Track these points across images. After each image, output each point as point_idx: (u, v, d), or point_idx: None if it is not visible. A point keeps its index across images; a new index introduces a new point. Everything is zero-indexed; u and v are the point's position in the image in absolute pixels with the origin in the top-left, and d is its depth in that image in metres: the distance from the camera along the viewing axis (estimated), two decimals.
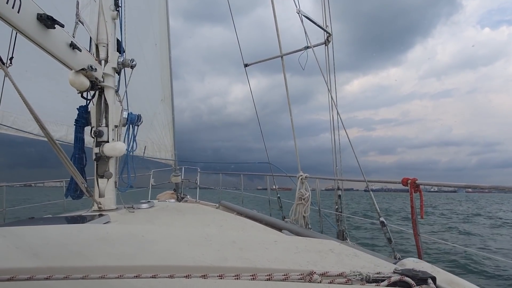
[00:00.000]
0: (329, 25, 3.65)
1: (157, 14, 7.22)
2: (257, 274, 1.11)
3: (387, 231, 2.89)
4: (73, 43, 2.64)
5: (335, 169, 3.95)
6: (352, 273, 1.14)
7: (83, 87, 3.10)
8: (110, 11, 3.60)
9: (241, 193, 6.15)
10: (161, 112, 7.36)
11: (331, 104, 3.60)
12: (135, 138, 3.75)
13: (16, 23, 1.99)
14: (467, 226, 14.07)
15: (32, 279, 1.04)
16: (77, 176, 2.86)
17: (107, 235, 1.67)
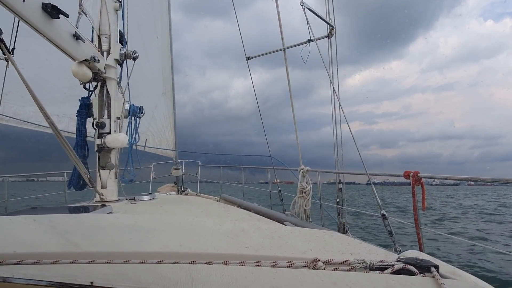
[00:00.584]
0: (332, 18, 3.64)
1: (159, 6, 7.19)
2: (261, 261, 1.12)
3: (388, 224, 2.91)
4: (76, 33, 2.64)
5: (337, 162, 3.96)
6: (355, 261, 1.15)
7: (86, 78, 3.10)
8: (112, 2, 3.58)
9: (242, 187, 6.17)
10: (162, 105, 7.36)
11: (333, 97, 3.60)
12: (137, 130, 3.76)
13: (22, 12, 1.98)
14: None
15: (58, 263, 1.05)
16: (80, 166, 2.87)
17: (112, 223, 1.69)
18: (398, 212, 15.98)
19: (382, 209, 2.99)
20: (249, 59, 4.84)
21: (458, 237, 3.56)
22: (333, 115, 3.74)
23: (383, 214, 2.97)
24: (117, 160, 3.57)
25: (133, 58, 3.68)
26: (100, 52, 3.42)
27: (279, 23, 4.10)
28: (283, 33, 4.10)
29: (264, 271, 1.06)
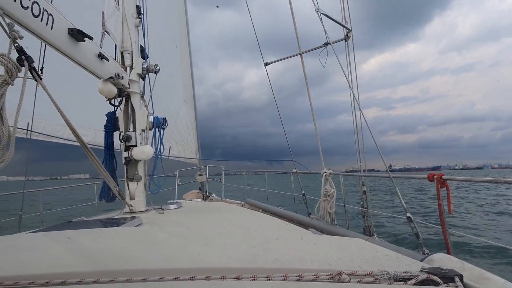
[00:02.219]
0: (348, 21, 3.63)
1: (177, 16, 7.34)
2: (287, 275, 1.15)
3: (414, 226, 2.89)
4: (101, 53, 2.75)
5: (360, 164, 3.94)
6: (379, 272, 1.17)
7: (112, 94, 3.22)
8: (133, 19, 3.70)
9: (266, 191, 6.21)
10: (184, 112, 7.52)
11: (353, 101, 3.59)
12: (162, 140, 3.87)
13: (50, 39, 2.10)
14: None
15: (82, 283, 1.12)
16: (110, 180, 2.99)
17: (145, 238, 1.76)
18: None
19: (408, 212, 2.96)
20: (267, 64, 4.88)
21: (485, 238, 3.48)
22: (354, 121, 3.71)
23: (408, 217, 2.94)
24: (145, 172, 3.68)
25: (155, 72, 3.79)
26: (124, 68, 3.54)
27: (295, 27, 4.11)
28: (299, 38, 4.11)
29: (290, 286, 1.09)
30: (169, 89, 7.09)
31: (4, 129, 1.49)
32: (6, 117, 1.53)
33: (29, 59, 1.77)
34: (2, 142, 1.47)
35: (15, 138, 1.50)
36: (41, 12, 1.97)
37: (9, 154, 1.46)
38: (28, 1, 1.85)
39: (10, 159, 1.46)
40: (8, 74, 1.62)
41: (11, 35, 1.72)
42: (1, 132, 1.47)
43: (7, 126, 1.51)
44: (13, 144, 1.49)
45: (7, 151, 1.47)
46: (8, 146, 1.47)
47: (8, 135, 1.48)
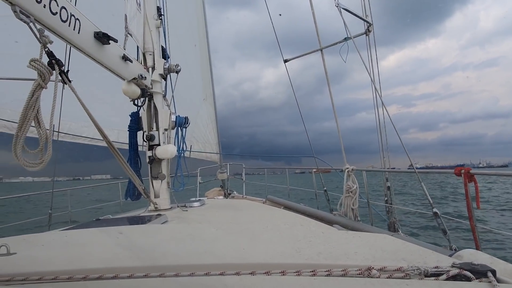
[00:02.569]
0: (369, 15, 3.58)
1: (195, 16, 7.41)
2: (317, 270, 1.16)
3: (441, 222, 2.83)
4: (125, 55, 2.82)
5: (383, 160, 3.89)
6: (409, 267, 1.15)
7: (135, 95, 3.29)
8: (154, 20, 3.77)
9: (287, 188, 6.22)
10: (204, 111, 7.60)
11: (375, 96, 3.54)
12: (184, 139, 3.93)
13: (78, 43, 2.16)
14: None
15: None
16: (135, 179, 3.06)
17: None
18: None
19: (434, 207, 2.91)
20: (286, 61, 4.86)
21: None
22: (377, 119, 3.66)
23: (435, 212, 2.89)
24: (168, 170, 3.75)
25: (176, 72, 3.85)
26: (146, 69, 3.60)
27: (315, 23, 4.08)
28: (319, 33, 4.08)
29: (320, 281, 1.10)
30: (189, 88, 7.17)
31: (42, 131, 1.55)
32: (42, 120, 1.59)
33: (59, 63, 1.83)
34: (40, 144, 1.53)
35: (51, 139, 1.56)
36: (68, 17, 2.03)
37: (47, 155, 1.52)
38: (57, 6, 1.91)
39: (48, 160, 1.53)
40: (41, 78, 1.68)
41: (42, 41, 1.78)
42: (39, 135, 1.54)
43: (44, 128, 1.57)
44: (51, 145, 1.55)
45: (45, 152, 1.53)
46: (46, 147, 1.53)
47: (46, 137, 1.54)
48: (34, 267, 1.29)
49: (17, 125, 1.59)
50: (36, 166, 1.52)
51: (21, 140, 1.54)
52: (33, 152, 1.55)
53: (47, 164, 1.63)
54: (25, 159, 1.50)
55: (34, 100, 1.65)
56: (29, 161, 1.52)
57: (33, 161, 1.56)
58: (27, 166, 1.50)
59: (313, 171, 5.33)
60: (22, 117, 1.59)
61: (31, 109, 1.63)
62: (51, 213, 4.79)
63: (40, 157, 1.54)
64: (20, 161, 1.49)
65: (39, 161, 1.54)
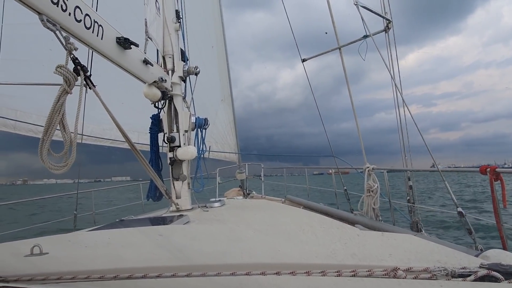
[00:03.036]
0: (388, 12, 3.52)
1: (212, 17, 7.47)
2: (341, 271, 1.15)
3: (466, 222, 2.77)
4: (146, 59, 2.87)
5: (404, 160, 3.82)
6: (436, 268, 1.13)
7: (156, 97, 3.35)
8: (173, 23, 3.83)
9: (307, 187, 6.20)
10: (222, 112, 7.65)
11: (396, 93, 3.49)
12: (204, 140, 3.97)
13: (101, 49, 2.22)
14: None
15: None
16: (157, 180, 3.11)
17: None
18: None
19: (459, 206, 2.85)
20: (304, 60, 4.84)
21: None
22: (398, 119, 3.59)
23: (460, 212, 2.83)
24: (189, 171, 3.80)
25: (195, 74, 3.90)
26: (166, 72, 3.66)
27: (332, 21, 4.06)
28: (337, 31, 4.05)
29: (345, 281, 1.09)
30: (207, 89, 7.23)
31: (66, 135, 1.61)
32: (67, 124, 1.64)
33: (84, 69, 1.88)
34: (65, 148, 1.59)
35: (76, 143, 1.62)
36: (92, 23, 2.09)
37: (72, 159, 1.58)
38: (81, 14, 1.97)
39: (72, 163, 1.58)
40: (66, 83, 1.74)
41: (67, 47, 1.84)
42: (63, 138, 1.59)
43: (68, 132, 1.63)
44: (75, 149, 1.60)
45: (69, 155, 1.58)
46: (70, 151, 1.59)
47: (70, 140, 1.59)
48: (67, 267, 1.33)
49: (43, 129, 1.65)
50: (60, 168, 1.58)
51: (47, 143, 1.60)
52: (58, 155, 1.61)
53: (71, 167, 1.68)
54: (51, 162, 1.56)
55: (60, 105, 1.71)
56: (54, 164, 1.57)
57: (58, 164, 1.61)
58: (52, 169, 1.56)
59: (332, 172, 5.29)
60: (48, 122, 1.65)
61: (56, 114, 1.68)
62: (76, 214, 4.93)
63: (65, 160, 1.59)
64: (46, 164, 1.55)
65: (63, 164, 1.59)
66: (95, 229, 2.66)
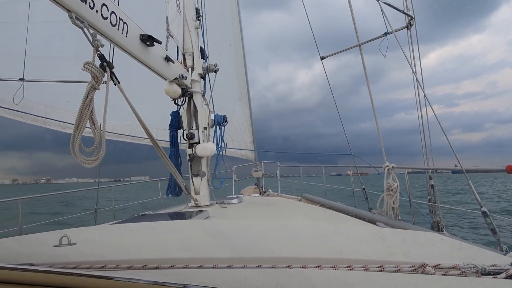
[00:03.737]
0: (410, 8, 3.46)
1: (230, 16, 7.49)
2: (368, 266, 1.15)
3: (490, 221, 2.71)
4: (167, 56, 2.91)
5: (426, 159, 3.76)
6: (466, 265, 1.11)
7: (176, 94, 3.39)
8: (193, 21, 3.86)
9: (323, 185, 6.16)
10: (239, 110, 7.67)
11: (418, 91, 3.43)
12: (223, 137, 4.00)
13: (126, 45, 2.26)
14: None
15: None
16: (178, 176, 3.15)
17: (222, 229, 1.85)
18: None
19: (483, 206, 2.79)
20: (323, 58, 4.81)
21: None
22: (420, 119, 3.53)
23: (484, 211, 2.77)
24: (208, 167, 3.83)
25: (215, 71, 3.92)
26: (186, 69, 3.70)
27: (352, 18, 4.01)
28: (357, 28, 4.01)
29: (373, 276, 1.08)
30: (224, 87, 7.26)
31: (96, 130, 1.64)
32: (96, 120, 1.68)
33: (110, 65, 1.92)
34: (95, 143, 1.63)
35: (105, 138, 1.66)
36: (117, 21, 2.13)
37: (101, 153, 1.62)
38: (107, 11, 2.01)
39: (101, 158, 1.62)
40: (94, 79, 1.78)
41: (94, 44, 1.88)
42: (93, 134, 1.63)
43: (98, 127, 1.67)
44: (104, 143, 1.64)
45: (99, 150, 1.62)
46: (100, 145, 1.63)
47: (100, 136, 1.63)
48: (95, 257, 1.37)
49: (74, 125, 1.69)
50: (92, 162, 1.62)
51: (78, 139, 1.64)
52: (89, 150, 1.65)
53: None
54: (82, 157, 1.60)
55: (89, 101, 1.75)
56: (86, 158, 1.61)
57: (89, 158, 1.65)
58: (84, 163, 1.60)
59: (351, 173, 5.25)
60: (78, 117, 1.70)
61: (86, 109, 1.73)
62: (97, 208, 5.04)
63: (95, 154, 1.63)
64: (78, 158, 1.59)
65: (94, 158, 1.63)
66: (118, 222, 2.72)
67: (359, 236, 1.65)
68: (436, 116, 3.11)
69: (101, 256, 1.35)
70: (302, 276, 1.10)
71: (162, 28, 3.33)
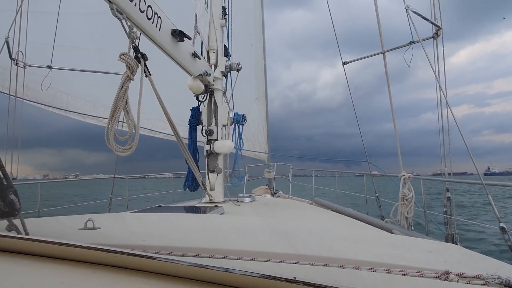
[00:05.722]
0: (438, 18, 3.44)
1: (252, 15, 7.54)
2: (391, 269, 1.16)
3: (508, 238, 2.68)
4: (195, 52, 2.96)
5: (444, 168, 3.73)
6: (489, 275, 1.11)
7: (199, 90, 3.44)
8: (219, 19, 3.91)
9: (336, 191, 6.15)
10: (255, 110, 7.71)
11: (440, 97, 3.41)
12: (241, 136, 4.03)
13: (158, 39, 2.32)
14: None
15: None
16: (196, 171, 3.20)
17: (243, 224, 1.89)
18: None
19: (501, 221, 2.76)
20: (345, 63, 4.80)
21: None
22: (440, 120, 3.51)
23: (502, 227, 2.74)
24: (227, 165, 3.87)
25: (237, 70, 3.97)
26: (209, 66, 3.75)
27: (378, 25, 4.00)
28: (382, 35, 4.00)
29: (397, 279, 1.10)
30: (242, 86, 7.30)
31: (130, 120, 1.69)
32: (130, 110, 1.73)
33: (144, 57, 1.97)
34: (129, 132, 1.68)
35: (139, 127, 1.70)
36: (153, 14, 2.18)
37: (135, 142, 1.66)
38: (144, 5, 2.06)
39: (135, 147, 1.67)
40: (130, 70, 1.83)
41: (130, 36, 1.93)
42: (127, 123, 1.68)
43: (132, 117, 1.71)
44: (138, 133, 1.69)
45: (133, 139, 1.67)
46: (134, 135, 1.68)
47: (134, 125, 1.68)
48: (120, 240, 1.41)
49: (109, 114, 1.74)
50: (126, 151, 1.67)
51: (113, 128, 1.69)
52: (123, 138, 1.69)
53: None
54: (117, 145, 1.65)
55: (124, 91, 1.80)
56: (120, 147, 1.66)
57: (122, 147, 1.70)
58: (118, 151, 1.65)
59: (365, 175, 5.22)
60: (114, 107, 1.75)
61: (121, 99, 1.78)
62: (112, 197, 5.13)
63: (129, 143, 1.68)
64: (112, 146, 1.64)
65: (128, 146, 1.68)
66: (135, 212, 2.78)
67: (378, 241, 1.67)
68: (456, 120, 3.08)
69: (127, 241, 1.39)
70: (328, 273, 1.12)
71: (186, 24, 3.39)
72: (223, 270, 0.76)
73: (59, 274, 0.90)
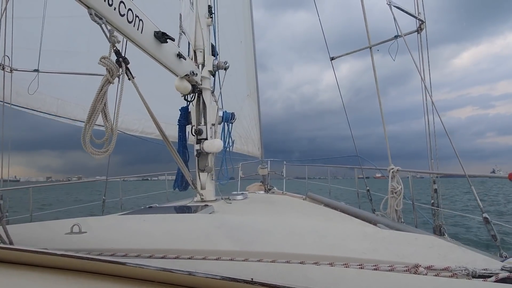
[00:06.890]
0: (421, 12, 3.47)
1: (241, 13, 7.52)
2: (364, 264, 1.20)
3: (491, 227, 2.74)
4: (179, 53, 2.97)
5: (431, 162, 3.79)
6: (457, 267, 1.15)
7: (186, 90, 3.45)
8: (205, 18, 3.92)
9: (329, 186, 6.20)
10: (247, 107, 7.71)
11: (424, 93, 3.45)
12: (230, 134, 4.05)
13: (141, 42, 2.33)
14: None
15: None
16: (185, 170, 3.22)
17: (227, 223, 1.91)
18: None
19: (484, 212, 2.82)
20: (333, 59, 4.84)
21: None
22: (427, 124, 3.55)
23: (485, 218, 2.80)
24: (213, 163, 3.90)
25: (225, 69, 3.98)
26: (196, 65, 3.76)
27: (365, 20, 4.03)
28: (369, 30, 4.03)
29: (367, 274, 1.13)
30: (233, 83, 7.31)
31: (108, 123, 1.71)
32: (109, 113, 1.75)
33: (125, 61, 1.98)
34: (106, 135, 1.70)
35: (116, 131, 1.72)
36: (133, 18, 2.19)
37: (111, 146, 1.69)
38: (124, 8, 2.07)
39: (112, 150, 1.69)
40: (109, 74, 1.84)
41: (111, 40, 1.94)
42: (105, 126, 1.70)
43: (110, 120, 1.73)
44: (115, 136, 1.71)
45: (110, 142, 1.69)
46: (111, 138, 1.70)
47: (111, 129, 1.70)
48: (104, 244, 1.44)
49: (87, 116, 1.76)
50: (101, 154, 1.69)
51: (89, 130, 1.71)
52: (99, 141, 1.71)
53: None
54: (92, 148, 1.67)
55: (103, 94, 1.82)
56: (96, 150, 1.68)
57: (98, 150, 1.72)
58: (94, 154, 1.67)
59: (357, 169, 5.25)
60: (91, 109, 1.76)
61: (99, 102, 1.79)
62: (105, 199, 5.14)
63: (105, 146, 1.70)
64: (88, 149, 1.65)
65: (104, 150, 1.70)
66: (126, 214, 2.80)
67: (357, 235, 1.70)
68: (443, 123, 3.13)
69: (110, 245, 1.42)
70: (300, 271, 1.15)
71: (173, 24, 3.39)
72: (186, 273, 0.80)
73: (34, 282, 0.92)
